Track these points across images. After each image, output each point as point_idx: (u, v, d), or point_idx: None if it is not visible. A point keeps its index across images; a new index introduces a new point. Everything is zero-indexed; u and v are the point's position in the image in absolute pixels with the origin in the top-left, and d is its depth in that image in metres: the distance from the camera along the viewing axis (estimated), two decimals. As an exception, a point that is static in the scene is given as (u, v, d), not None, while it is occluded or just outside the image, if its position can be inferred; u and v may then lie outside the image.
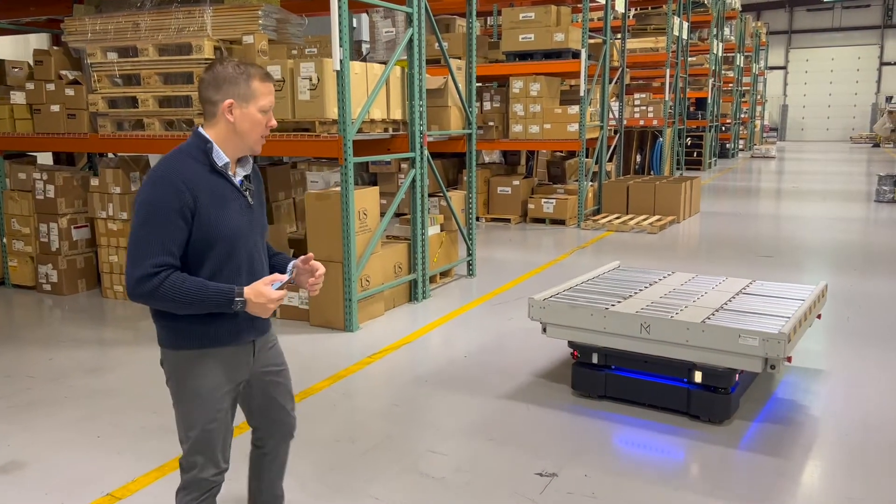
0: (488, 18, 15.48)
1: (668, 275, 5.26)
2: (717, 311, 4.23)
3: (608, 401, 4.29)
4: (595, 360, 4.26)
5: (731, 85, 25.59)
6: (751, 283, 4.98)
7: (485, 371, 4.86)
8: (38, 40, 14.42)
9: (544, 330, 4.42)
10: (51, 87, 6.72)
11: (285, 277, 2.32)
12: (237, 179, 2.38)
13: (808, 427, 3.99)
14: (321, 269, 2.45)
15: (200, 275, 2.26)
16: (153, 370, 4.86)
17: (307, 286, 2.45)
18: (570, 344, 4.36)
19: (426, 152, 6.59)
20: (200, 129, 2.36)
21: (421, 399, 4.40)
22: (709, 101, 20.58)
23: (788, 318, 4.05)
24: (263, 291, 2.25)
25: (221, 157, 2.32)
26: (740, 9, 24.85)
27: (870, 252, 8.93)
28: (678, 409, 4.06)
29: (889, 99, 38.96)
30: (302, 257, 2.45)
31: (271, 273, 2.45)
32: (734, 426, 3.96)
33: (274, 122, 2.37)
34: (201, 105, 2.34)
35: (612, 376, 4.24)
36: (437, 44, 7.06)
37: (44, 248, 7.05)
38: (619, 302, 4.42)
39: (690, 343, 3.90)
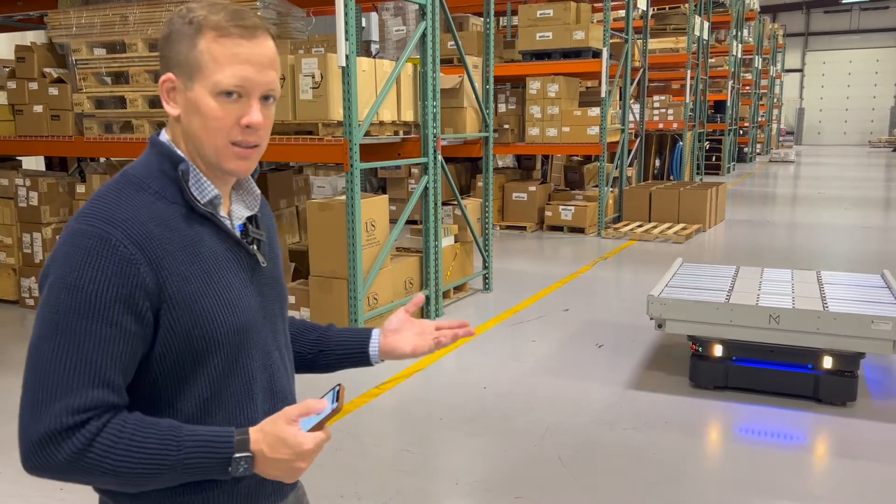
0: (501, 18, 14.93)
1: (737, 269, 5.39)
2: (825, 300, 4.38)
3: (729, 391, 4.42)
4: (720, 352, 4.40)
5: (748, 88, 24.95)
6: (820, 274, 5.19)
7: (507, 405, 4.29)
8: (37, 38, 13.94)
9: (660, 326, 4.43)
10: (34, 85, 6.21)
11: (325, 406, 1.17)
12: (236, 225, 1.31)
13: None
14: (457, 326, 1.55)
15: (181, 410, 1.21)
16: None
17: (445, 340, 1.55)
18: (691, 338, 4.45)
19: (440, 157, 6.03)
20: (161, 137, 1.27)
21: (436, 442, 3.84)
22: (728, 103, 19.96)
23: None
24: (286, 437, 1.14)
25: (206, 187, 1.24)
26: (759, 10, 24.23)
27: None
28: (804, 394, 4.27)
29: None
30: (402, 314, 1.55)
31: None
32: (860, 404, 4.22)
33: (257, 119, 1.21)
34: None
35: (733, 367, 4.40)
36: (450, 42, 6.50)
37: (27, 260, 6.53)
38: (728, 296, 4.52)
39: (821, 331, 4.07)
